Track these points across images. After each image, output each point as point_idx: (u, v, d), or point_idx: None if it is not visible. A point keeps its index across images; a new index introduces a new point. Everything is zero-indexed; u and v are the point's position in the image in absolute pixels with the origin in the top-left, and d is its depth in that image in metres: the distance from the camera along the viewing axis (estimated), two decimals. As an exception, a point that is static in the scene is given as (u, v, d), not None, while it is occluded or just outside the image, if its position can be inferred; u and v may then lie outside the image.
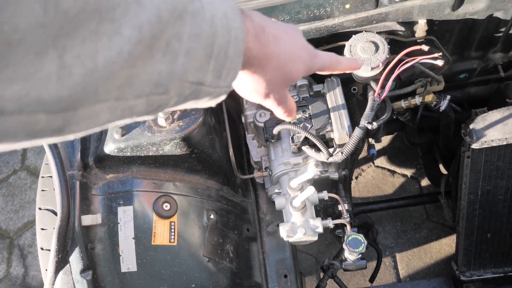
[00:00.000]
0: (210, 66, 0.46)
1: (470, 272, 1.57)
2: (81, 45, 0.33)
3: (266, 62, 0.58)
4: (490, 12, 1.22)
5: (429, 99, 1.40)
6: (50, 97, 0.33)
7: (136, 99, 0.41)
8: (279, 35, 0.59)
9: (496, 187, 1.36)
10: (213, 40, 0.45)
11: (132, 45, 0.37)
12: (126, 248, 1.13)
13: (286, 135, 1.28)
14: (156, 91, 0.42)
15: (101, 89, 0.36)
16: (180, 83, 0.44)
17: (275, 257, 1.41)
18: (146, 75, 0.40)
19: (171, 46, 0.41)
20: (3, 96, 0.31)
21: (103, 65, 0.35)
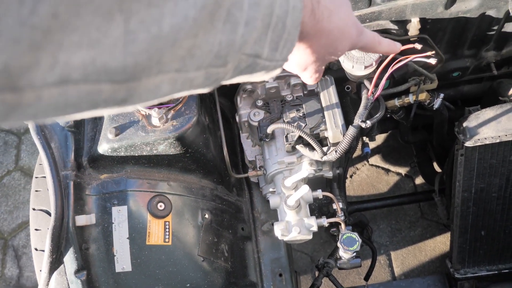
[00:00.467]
0: (268, 37, 0.45)
1: (465, 270, 1.58)
2: (147, 9, 0.32)
3: (317, 37, 0.57)
4: (483, 11, 1.22)
5: (423, 97, 1.40)
6: (116, 64, 0.32)
7: (196, 71, 0.40)
8: (333, 10, 0.58)
9: (490, 184, 1.36)
10: (271, 10, 0.44)
11: (197, 11, 0.35)
12: (120, 248, 1.13)
13: (280, 134, 1.28)
14: (215, 63, 0.41)
15: (165, 58, 0.35)
16: (239, 55, 0.43)
17: (270, 256, 1.41)
18: (207, 45, 0.39)
19: (232, 14, 0.40)
20: (70, 63, 0.29)
21: (168, 32, 0.34)
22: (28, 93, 0.29)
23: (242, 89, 1.38)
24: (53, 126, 1.19)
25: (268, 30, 0.45)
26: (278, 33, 0.46)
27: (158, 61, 0.35)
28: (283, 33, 0.47)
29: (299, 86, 1.35)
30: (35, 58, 0.28)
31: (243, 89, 1.38)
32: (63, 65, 0.29)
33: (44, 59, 0.28)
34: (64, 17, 0.28)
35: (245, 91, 1.38)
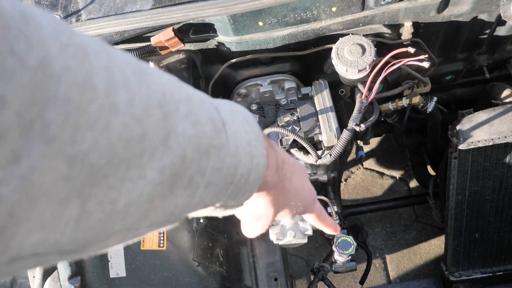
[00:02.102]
0: (228, 191, 0.47)
1: (459, 272, 1.58)
2: (106, 192, 0.33)
3: (277, 194, 0.59)
4: (475, 15, 1.23)
5: (416, 100, 1.41)
6: (66, 240, 0.33)
7: (148, 228, 0.41)
8: (294, 172, 0.60)
9: (483, 187, 1.37)
10: (235, 170, 0.46)
11: (153, 187, 0.36)
12: (114, 253, 1.13)
13: (274, 138, 1.29)
14: (169, 219, 0.42)
15: (115, 228, 0.36)
16: (194, 209, 0.45)
17: (265, 261, 1.41)
18: (162, 209, 0.39)
19: (194, 181, 0.41)
20: (22, 245, 0.30)
21: (121, 209, 0.35)
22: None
23: (237, 93, 1.38)
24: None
25: (230, 186, 0.46)
26: (240, 187, 0.48)
27: (109, 230, 0.36)
28: (245, 186, 0.49)
29: (293, 90, 1.35)
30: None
31: (237, 93, 1.38)
32: (15, 249, 0.30)
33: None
34: (20, 214, 0.28)
35: (240, 95, 1.38)
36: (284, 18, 1.16)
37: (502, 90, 1.41)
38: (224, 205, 0.49)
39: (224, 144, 0.43)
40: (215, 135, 0.42)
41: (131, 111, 0.33)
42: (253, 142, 0.49)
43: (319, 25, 1.19)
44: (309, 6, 1.14)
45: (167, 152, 0.36)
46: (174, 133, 0.37)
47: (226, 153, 0.44)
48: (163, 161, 0.36)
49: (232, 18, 1.14)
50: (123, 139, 0.32)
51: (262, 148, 0.50)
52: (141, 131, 0.34)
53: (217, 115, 0.44)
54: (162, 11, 1.11)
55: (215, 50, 1.28)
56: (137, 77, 0.35)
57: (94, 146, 0.30)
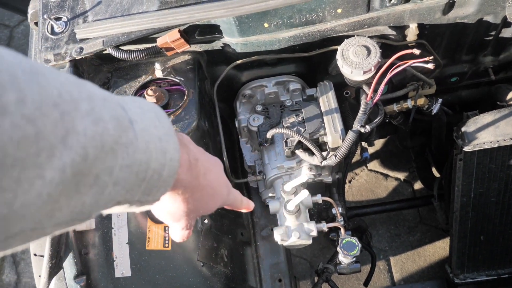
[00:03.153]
0: (141, 188, 0.47)
1: (464, 275, 1.58)
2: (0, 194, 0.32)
3: (193, 192, 0.59)
4: (480, 16, 1.23)
5: (421, 102, 1.41)
6: None
7: (55, 227, 0.40)
8: (209, 169, 0.61)
9: (489, 189, 1.37)
10: (147, 166, 0.46)
11: (53, 187, 0.36)
12: (120, 253, 1.13)
13: (279, 139, 1.29)
14: (78, 217, 0.42)
15: (14, 227, 0.35)
16: (105, 206, 0.44)
17: (269, 261, 1.41)
18: (68, 208, 0.39)
19: (100, 179, 0.40)
20: None
21: (18, 209, 0.34)
22: None
23: (242, 94, 1.39)
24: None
25: (142, 182, 0.46)
26: (154, 183, 0.48)
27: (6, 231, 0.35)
28: (158, 182, 0.48)
29: (299, 91, 1.35)
30: None
31: (242, 94, 1.38)
32: None
33: None
34: None
35: (245, 96, 1.38)
36: (289, 19, 1.16)
37: (508, 92, 1.41)
38: (139, 201, 0.49)
39: (132, 142, 0.43)
40: (121, 132, 0.42)
41: (21, 111, 0.32)
42: (164, 137, 0.49)
43: (325, 26, 1.19)
44: (314, 7, 1.14)
45: (66, 151, 0.36)
46: (73, 132, 0.36)
47: (135, 149, 0.44)
48: (62, 160, 0.36)
49: (238, 19, 1.14)
50: (14, 139, 0.32)
51: (174, 143, 0.50)
52: (35, 130, 0.33)
53: (123, 113, 0.43)
54: (168, 12, 1.12)
55: (220, 51, 1.29)
56: (28, 77, 0.34)
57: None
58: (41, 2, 1.26)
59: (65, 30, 1.22)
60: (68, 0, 1.25)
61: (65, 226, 0.42)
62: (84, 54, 1.19)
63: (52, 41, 1.21)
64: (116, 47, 1.19)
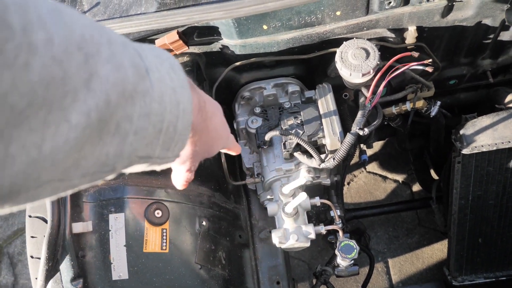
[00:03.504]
0: (159, 141, 0.47)
1: (462, 277, 1.58)
2: (28, 135, 0.32)
3: (200, 134, 0.60)
4: (479, 19, 1.23)
5: (420, 105, 1.41)
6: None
7: (81, 178, 0.40)
8: (214, 112, 0.62)
9: (487, 192, 1.37)
10: (162, 117, 0.46)
11: (80, 131, 0.36)
12: (117, 255, 1.13)
13: (278, 142, 1.29)
14: (102, 169, 0.42)
15: (45, 175, 0.36)
16: (128, 159, 0.44)
17: (267, 264, 1.41)
18: (93, 157, 0.39)
19: (121, 127, 0.40)
20: None
21: (48, 154, 0.34)
22: None
23: (240, 96, 1.38)
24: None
25: (160, 134, 0.46)
26: (170, 135, 0.48)
27: (37, 178, 0.35)
28: (175, 135, 0.49)
29: (297, 93, 1.35)
30: None
31: (241, 96, 1.38)
32: None
33: None
34: None
35: (243, 98, 1.38)
36: (288, 21, 1.16)
37: (506, 95, 1.41)
38: (159, 157, 0.49)
39: (148, 90, 0.43)
40: (139, 80, 0.42)
41: (50, 52, 0.32)
42: (178, 89, 0.48)
43: (323, 29, 1.19)
44: (313, 10, 1.14)
45: (90, 94, 0.36)
46: (96, 76, 0.36)
47: (151, 99, 0.43)
48: (87, 104, 0.35)
49: (237, 21, 1.14)
50: (43, 80, 0.32)
51: (188, 94, 0.50)
52: (62, 72, 0.33)
53: (140, 61, 0.43)
54: (166, 14, 1.12)
55: (219, 53, 1.29)
56: (53, 16, 0.34)
57: (13, 86, 0.30)
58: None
59: (63, 31, 1.21)
60: (66, 1, 1.24)
61: (91, 179, 0.41)
62: (82, 56, 1.18)
63: (50, 42, 1.21)
64: (114, 49, 1.19)
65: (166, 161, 0.51)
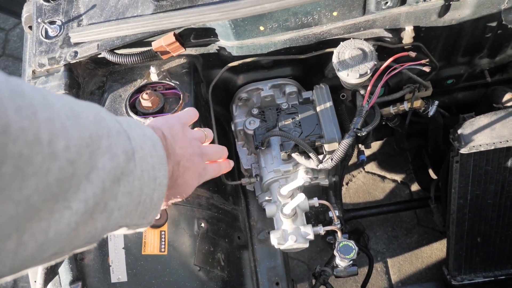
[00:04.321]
0: (137, 212, 0.53)
1: (461, 277, 1.58)
2: (37, 224, 0.37)
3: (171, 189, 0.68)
4: (476, 19, 1.23)
5: (418, 104, 1.41)
6: (4, 270, 0.37)
7: (72, 251, 0.46)
8: (187, 167, 0.70)
9: (485, 191, 1.37)
10: (141, 192, 0.52)
11: (79, 216, 0.41)
12: (116, 258, 1.12)
13: (275, 143, 1.28)
14: (90, 241, 0.48)
15: (46, 254, 0.41)
16: (111, 230, 0.50)
17: (266, 265, 1.41)
18: (85, 233, 0.45)
19: (108, 205, 0.46)
20: None
21: (52, 237, 0.39)
22: None
23: (238, 97, 1.38)
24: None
25: (138, 206, 0.52)
26: (146, 206, 0.54)
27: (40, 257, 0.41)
28: (151, 205, 0.55)
29: (295, 94, 1.35)
30: None
31: (238, 98, 1.38)
32: None
33: None
34: None
35: (241, 100, 1.38)
36: (285, 22, 1.16)
37: (504, 94, 1.41)
38: (136, 224, 0.55)
39: (132, 170, 0.49)
40: (127, 163, 0.48)
41: (66, 156, 0.38)
42: (157, 165, 0.55)
43: (320, 29, 1.19)
44: (310, 10, 1.14)
45: (89, 184, 0.42)
46: (95, 168, 0.42)
47: (133, 177, 0.50)
48: (86, 193, 0.41)
49: (233, 22, 1.14)
50: (58, 179, 0.37)
51: (165, 170, 0.57)
52: (72, 171, 0.39)
53: (129, 145, 0.49)
54: (163, 16, 1.11)
55: (216, 55, 1.28)
56: (72, 122, 0.40)
57: (36, 189, 0.35)
58: (35, 5, 1.25)
59: (59, 34, 1.21)
60: (63, 4, 1.24)
61: (77, 249, 0.48)
62: (78, 58, 1.18)
63: (46, 45, 1.20)
64: (111, 51, 1.19)
65: (141, 227, 0.58)
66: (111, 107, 1.21)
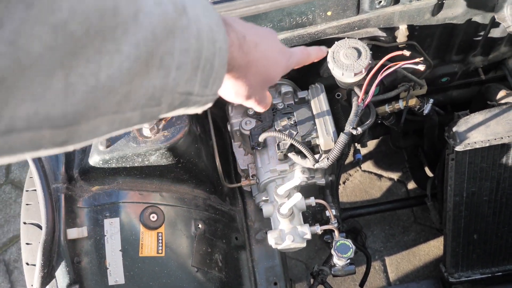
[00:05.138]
0: (197, 77, 0.49)
1: (459, 274, 1.58)
2: (86, 64, 0.35)
3: (248, 68, 0.62)
4: (469, 17, 1.24)
5: (413, 103, 1.41)
6: (57, 113, 0.35)
7: (132, 112, 0.43)
8: (259, 41, 0.63)
9: (481, 188, 1.37)
10: (199, 54, 0.48)
11: (131, 62, 0.39)
12: (113, 260, 1.12)
13: (272, 143, 1.29)
14: (150, 103, 0.44)
15: (102, 104, 0.38)
16: (172, 95, 0.47)
17: (264, 265, 1.41)
18: (142, 89, 0.42)
19: (165, 61, 0.43)
20: (14, 116, 0.32)
21: (104, 82, 0.37)
22: None
23: (233, 98, 1.38)
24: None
25: (197, 71, 0.49)
26: (207, 72, 0.50)
27: (96, 106, 0.38)
28: (212, 72, 0.51)
29: (290, 94, 1.35)
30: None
31: (234, 98, 1.38)
32: (8, 119, 0.32)
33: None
34: (10, 81, 0.30)
35: (236, 100, 1.38)
36: (279, 22, 1.16)
37: (498, 91, 1.41)
38: (198, 94, 0.51)
39: (187, 26, 0.45)
40: (178, 16, 0.44)
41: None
42: (214, 27, 0.50)
43: (315, 29, 1.19)
44: (304, 10, 1.14)
45: (138, 28, 0.39)
46: (142, 11, 0.39)
47: (189, 35, 0.46)
48: (136, 36, 0.38)
49: (228, 23, 1.14)
50: (97, 9, 0.34)
51: (223, 33, 0.52)
52: (113, 4, 0.36)
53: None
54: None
55: (211, 56, 1.28)
56: None
57: (71, 14, 0.32)
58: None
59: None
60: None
61: (141, 113, 0.44)
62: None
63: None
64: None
65: (206, 100, 0.53)
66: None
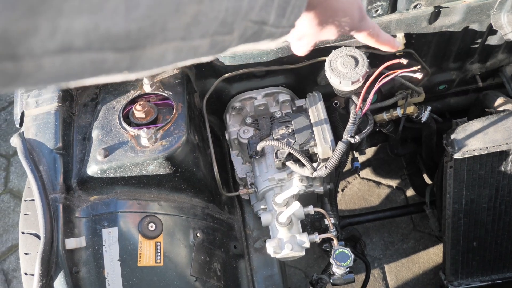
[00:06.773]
0: (274, 3, 0.44)
1: (458, 281, 1.58)
2: None
3: (322, 11, 0.58)
4: (466, 25, 1.24)
5: (411, 110, 1.42)
6: (119, 31, 0.31)
7: (201, 39, 0.39)
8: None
9: (480, 195, 1.37)
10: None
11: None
12: (111, 270, 1.12)
13: (270, 151, 1.29)
14: (221, 30, 0.40)
15: (169, 25, 0.35)
16: (245, 22, 0.42)
17: (263, 274, 1.40)
18: (213, 12, 0.38)
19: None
20: (72, 29, 0.28)
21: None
22: (28, 62, 0.28)
23: (231, 106, 1.38)
24: (41, 149, 1.18)
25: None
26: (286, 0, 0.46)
27: (162, 28, 0.34)
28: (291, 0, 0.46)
29: (288, 102, 1.36)
30: (33, 24, 0.27)
31: (232, 107, 1.38)
32: (64, 31, 0.28)
33: (43, 25, 0.27)
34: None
35: (234, 109, 1.38)
36: (277, 31, 1.16)
37: (495, 99, 1.42)
38: (274, 25, 0.46)
39: None
40: None
41: None
42: None
43: (312, 38, 1.20)
44: (301, 19, 1.14)
45: None
46: None
47: None
48: None
49: (225, 32, 1.14)
50: None
51: None
52: None
53: None
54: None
55: (209, 65, 1.29)
56: None
57: None
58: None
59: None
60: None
61: (210, 42, 0.40)
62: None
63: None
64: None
65: (281, 32, 0.49)
66: (104, 119, 1.21)
